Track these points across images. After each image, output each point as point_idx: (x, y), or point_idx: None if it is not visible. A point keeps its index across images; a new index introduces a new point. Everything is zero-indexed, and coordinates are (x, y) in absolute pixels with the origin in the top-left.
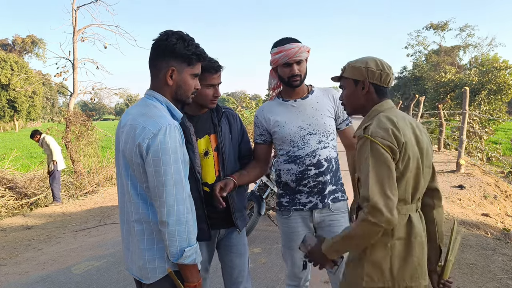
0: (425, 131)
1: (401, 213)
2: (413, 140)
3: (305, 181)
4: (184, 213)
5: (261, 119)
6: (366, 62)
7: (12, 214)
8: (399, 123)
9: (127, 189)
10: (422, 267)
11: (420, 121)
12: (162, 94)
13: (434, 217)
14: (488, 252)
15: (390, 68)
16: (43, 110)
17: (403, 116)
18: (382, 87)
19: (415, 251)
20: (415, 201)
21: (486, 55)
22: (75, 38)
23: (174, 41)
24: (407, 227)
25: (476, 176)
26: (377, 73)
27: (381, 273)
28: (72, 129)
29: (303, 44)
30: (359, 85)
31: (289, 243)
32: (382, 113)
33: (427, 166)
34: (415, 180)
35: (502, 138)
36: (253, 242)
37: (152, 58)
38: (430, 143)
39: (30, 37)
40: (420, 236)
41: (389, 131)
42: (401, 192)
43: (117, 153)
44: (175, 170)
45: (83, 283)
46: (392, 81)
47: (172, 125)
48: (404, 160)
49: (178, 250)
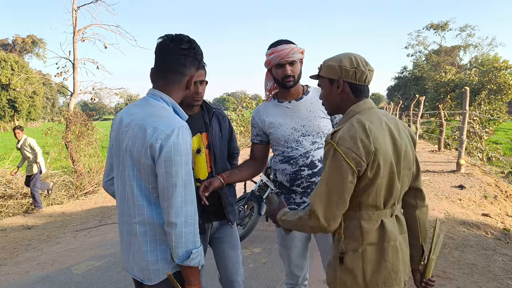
0: (406, 132)
1: (372, 219)
2: (388, 145)
3: (299, 181)
4: (192, 215)
5: (257, 120)
6: (340, 60)
7: (12, 214)
8: (371, 128)
9: (132, 190)
10: (397, 273)
11: (420, 121)
12: (173, 96)
13: (417, 216)
14: (488, 252)
15: (367, 64)
16: (43, 110)
17: (380, 117)
18: (359, 86)
19: (388, 256)
20: (389, 206)
21: (487, 55)
22: (75, 38)
23: (200, 50)
24: (379, 232)
25: (476, 176)
26: (351, 71)
27: (354, 278)
28: (73, 129)
29: (296, 46)
30: (334, 84)
31: (285, 242)
32: (356, 116)
33: (407, 168)
34: (388, 185)
35: (502, 138)
36: (253, 242)
37: (172, 62)
38: (410, 144)
39: (31, 37)
40: (394, 241)
41: (357, 141)
42: (371, 199)
43: (119, 152)
44: (185, 172)
45: (83, 283)
46: (369, 78)
47: (184, 126)
48: (374, 168)
49: (184, 252)
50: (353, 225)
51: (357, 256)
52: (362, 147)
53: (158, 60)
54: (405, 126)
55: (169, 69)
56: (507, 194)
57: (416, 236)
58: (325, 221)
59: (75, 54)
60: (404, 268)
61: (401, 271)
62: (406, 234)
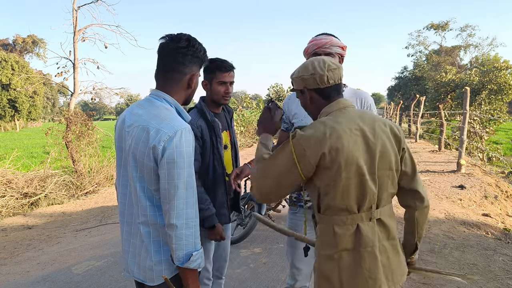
0: (387, 132)
1: (346, 223)
2: (357, 145)
3: None
4: (193, 217)
5: (285, 107)
6: (299, 71)
7: (13, 213)
8: (335, 128)
9: (135, 191)
10: (376, 281)
11: (421, 121)
12: (175, 96)
13: (416, 218)
14: (488, 252)
15: (325, 65)
16: (43, 110)
17: (352, 118)
18: (326, 88)
19: (365, 263)
20: (364, 210)
21: (487, 55)
22: (75, 38)
23: (200, 48)
24: (354, 237)
25: (477, 176)
26: (310, 78)
27: (330, 285)
28: (73, 129)
29: (336, 39)
30: (304, 95)
31: (290, 241)
32: (324, 117)
33: (385, 169)
34: (359, 187)
35: (503, 138)
36: (253, 242)
37: (172, 62)
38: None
39: (31, 37)
40: (371, 247)
41: (311, 140)
42: (339, 201)
43: (121, 153)
44: (188, 174)
45: (84, 282)
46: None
47: (187, 128)
48: (333, 168)
49: (184, 254)
50: (327, 230)
51: (332, 263)
52: (314, 147)
53: (159, 60)
54: (386, 124)
55: (169, 69)
56: (507, 194)
57: (413, 233)
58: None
59: (75, 54)
60: (389, 276)
61: (381, 279)
62: (395, 241)
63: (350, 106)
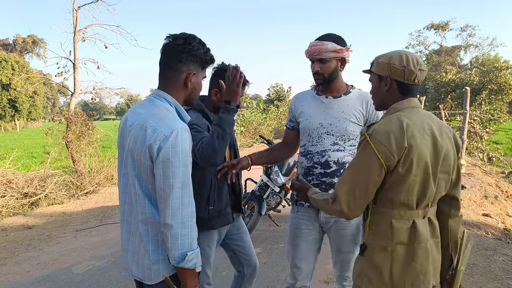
0: (450, 136)
1: (404, 217)
2: (427, 144)
3: (310, 177)
4: (188, 217)
5: (292, 106)
6: (390, 58)
7: (13, 213)
8: (409, 125)
9: (134, 189)
10: (426, 275)
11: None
12: (174, 96)
13: (449, 226)
14: (488, 252)
15: (418, 64)
16: (44, 110)
17: (422, 117)
18: (407, 85)
19: (418, 257)
20: (422, 207)
21: (487, 55)
22: (76, 38)
23: (197, 46)
24: (410, 232)
25: (477, 176)
26: (399, 70)
27: (380, 275)
28: (73, 129)
29: (330, 44)
30: (382, 81)
31: (291, 240)
32: (397, 113)
33: (445, 172)
34: (422, 185)
35: (503, 138)
36: (253, 242)
37: (169, 60)
38: (452, 149)
39: (31, 37)
40: (424, 243)
41: (389, 135)
42: (403, 196)
43: (122, 151)
44: (183, 174)
45: (84, 282)
46: (420, 78)
47: (184, 128)
48: (406, 164)
49: (180, 254)
50: (384, 223)
51: (386, 254)
52: (394, 142)
53: (160, 59)
54: (450, 130)
55: (167, 67)
56: (507, 194)
57: (446, 245)
58: (347, 209)
59: (75, 54)
60: (433, 272)
61: (430, 274)
62: (438, 239)
63: (419, 107)
